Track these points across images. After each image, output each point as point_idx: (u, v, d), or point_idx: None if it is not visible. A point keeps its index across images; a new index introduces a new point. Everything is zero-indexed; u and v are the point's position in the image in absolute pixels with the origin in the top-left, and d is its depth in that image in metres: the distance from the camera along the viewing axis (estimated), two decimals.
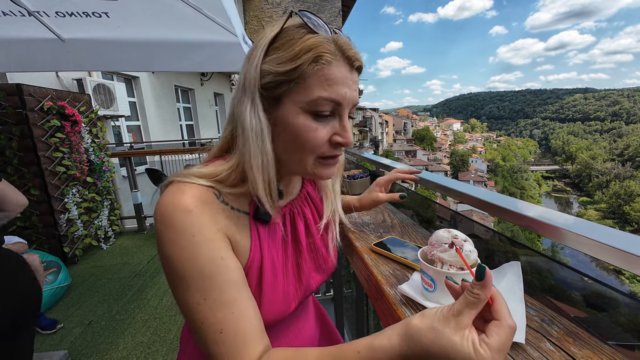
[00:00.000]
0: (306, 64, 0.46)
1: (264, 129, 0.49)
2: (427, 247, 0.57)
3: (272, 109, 0.50)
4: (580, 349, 0.44)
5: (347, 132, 0.51)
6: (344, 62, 0.48)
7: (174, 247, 0.44)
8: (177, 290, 0.45)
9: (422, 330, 0.36)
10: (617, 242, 0.47)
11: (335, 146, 0.51)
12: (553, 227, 0.56)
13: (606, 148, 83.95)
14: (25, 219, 2.95)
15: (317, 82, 0.47)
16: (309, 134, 0.48)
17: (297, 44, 0.46)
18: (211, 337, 0.43)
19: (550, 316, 0.52)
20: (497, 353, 0.33)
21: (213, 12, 1.85)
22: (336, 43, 0.48)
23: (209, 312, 0.44)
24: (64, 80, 3.88)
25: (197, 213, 0.46)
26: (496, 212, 0.72)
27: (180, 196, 0.46)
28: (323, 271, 0.67)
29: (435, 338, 0.35)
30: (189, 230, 0.45)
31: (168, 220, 0.45)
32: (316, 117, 0.48)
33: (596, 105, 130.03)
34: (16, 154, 2.85)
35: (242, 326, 0.44)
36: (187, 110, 7.97)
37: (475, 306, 0.35)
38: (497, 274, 0.60)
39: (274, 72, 0.47)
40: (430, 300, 0.55)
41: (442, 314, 0.36)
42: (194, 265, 0.44)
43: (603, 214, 53.01)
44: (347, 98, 0.49)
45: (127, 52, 2.12)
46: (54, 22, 1.94)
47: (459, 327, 0.34)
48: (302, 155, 0.51)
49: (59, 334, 2.20)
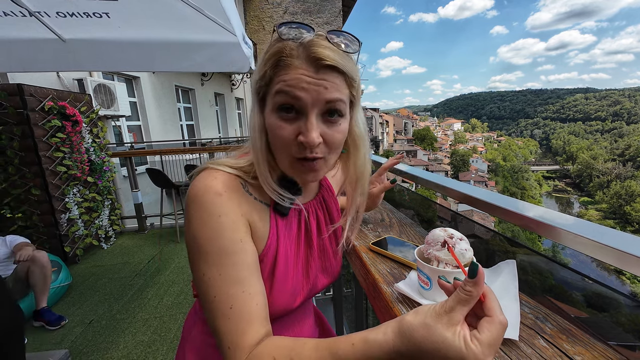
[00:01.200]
0: (269, 69, 0.51)
1: (257, 126, 0.55)
2: (424, 245, 0.58)
3: (263, 111, 0.55)
4: (572, 345, 0.45)
5: (309, 132, 0.50)
6: (306, 63, 0.49)
7: (202, 224, 0.50)
8: (197, 265, 0.50)
9: (415, 326, 0.37)
10: (616, 243, 0.47)
11: (301, 146, 0.51)
12: (552, 227, 0.56)
13: (607, 148, 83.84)
14: (27, 218, 2.97)
15: (278, 84, 0.51)
16: (276, 131, 0.52)
17: (267, 54, 0.52)
18: (221, 312, 0.47)
19: (545, 314, 0.52)
20: (487, 348, 0.34)
21: (213, 13, 1.85)
22: (302, 45, 0.50)
23: (222, 286, 0.48)
24: (65, 80, 3.90)
25: (225, 197, 0.51)
26: (496, 213, 0.72)
27: (213, 181, 0.52)
28: (329, 274, 0.70)
29: (427, 334, 0.36)
30: (217, 211, 0.50)
31: (200, 201, 0.50)
32: (281, 116, 0.52)
33: (597, 105, 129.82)
34: (17, 154, 2.86)
35: (250, 306, 0.48)
36: (187, 110, 7.98)
37: (467, 303, 0.36)
38: (493, 272, 0.61)
39: (255, 80, 0.54)
40: (426, 298, 0.55)
41: (434, 311, 0.37)
42: (216, 242, 0.49)
43: (604, 214, 52.94)
44: (305, 98, 0.49)
45: (127, 52, 2.13)
46: (55, 23, 1.95)
47: (451, 324, 0.35)
48: (278, 154, 0.55)
49: (60, 333, 2.21)
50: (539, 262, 0.78)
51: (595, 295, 0.64)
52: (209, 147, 4.91)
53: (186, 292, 2.69)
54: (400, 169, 1.38)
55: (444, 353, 0.35)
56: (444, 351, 0.35)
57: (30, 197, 2.95)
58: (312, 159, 0.52)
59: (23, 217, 2.94)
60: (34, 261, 2.24)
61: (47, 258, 2.33)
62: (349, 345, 0.40)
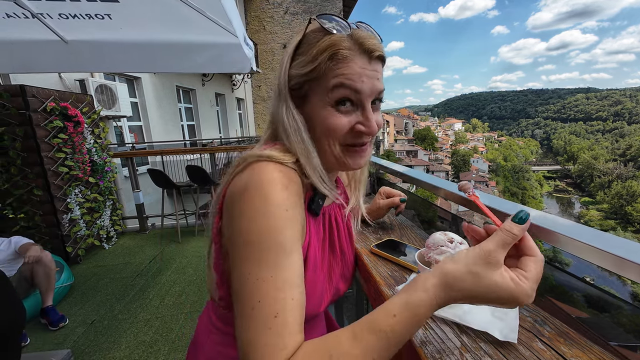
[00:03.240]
0: (323, 63, 0.50)
1: (299, 123, 0.54)
2: (424, 249, 0.59)
3: (303, 106, 0.55)
4: (570, 348, 0.46)
5: (370, 121, 0.52)
6: (360, 55, 0.51)
7: (263, 217, 0.44)
8: (245, 261, 0.43)
9: (461, 275, 0.38)
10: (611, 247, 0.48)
11: (357, 135, 0.54)
12: (551, 232, 0.57)
13: (608, 148, 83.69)
14: (29, 218, 2.98)
15: (334, 77, 0.50)
16: (332, 121, 0.52)
17: (315, 47, 0.51)
18: (262, 321, 0.40)
19: (543, 317, 0.53)
20: (534, 283, 0.37)
21: (214, 14, 1.86)
22: (353, 38, 0.51)
23: (271, 290, 0.41)
24: (67, 81, 3.91)
25: (292, 191, 0.47)
26: None
27: (277, 172, 0.47)
28: (346, 279, 0.69)
29: (476, 280, 0.37)
30: (283, 204, 0.45)
31: (265, 191, 0.45)
32: (338, 108, 0.52)
33: (598, 105, 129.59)
34: (20, 155, 2.87)
35: (295, 316, 0.42)
36: (188, 110, 8.00)
37: (508, 245, 0.38)
38: None
39: (297, 75, 0.53)
40: None
41: (477, 256, 0.38)
42: (277, 238, 0.43)
43: (605, 215, 52.86)
44: (364, 88, 0.51)
45: (129, 53, 2.14)
46: (57, 24, 1.96)
47: (497, 266, 0.37)
48: (328, 143, 0.54)
49: (62, 333, 2.22)
50: None
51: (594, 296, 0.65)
52: (209, 148, 4.92)
53: (187, 292, 2.70)
54: (399, 170, 1.39)
55: (496, 295, 0.37)
56: (496, 293, 0.37)
57: (32, 197, 2.97)
58: (362, 144, 0.55)
59: (25, 217, 2.96)
60: (38, 261, 2.26)
61: (51, 257, 2.36)
62: (389, 317, 0.38)
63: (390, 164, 1.55)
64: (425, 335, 0.49)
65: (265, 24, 9.70)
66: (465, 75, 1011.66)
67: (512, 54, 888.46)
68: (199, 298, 2.61)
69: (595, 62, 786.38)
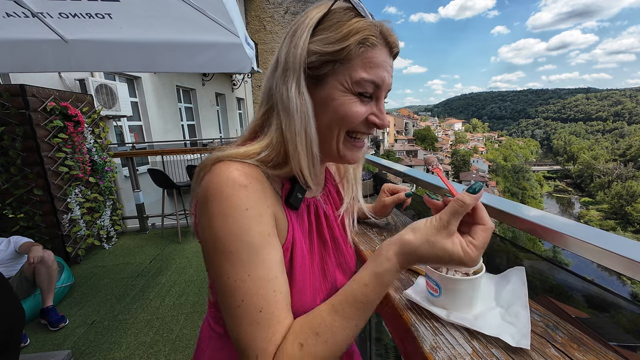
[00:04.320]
0: (353, 45, 0.47)
1: (309, 107, 0.49)
2: None
3: (315, 88, 0.51)
4: (584, 354, 0.44)
5: (384, 114, 0.53)
6: (385, 47, 0.50)
7: (226, 220, 0.44)
8: (221, 266, 0.44)
9: (419, 244, 0.43)
10: (621, 249, 0.47)
11: (369, 126, 0.53)
12: (555, 232, 0.56)
13: (608, 148, 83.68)
14: (29, 218, 2.97)
15: (361, 64, 0.48)
16: (350, 108, 0.50)
17: (345, 26, 0.48)
18: (249, 318, 0.43)
19: (555, 322, 0.52)
20: (480, 251, 0.42)
21: (215, 14, 1.85)
22: (380, 28, 0.50)
23: (252, 288, 0.43)
24: (67, 81, 3.90)
25: (251, 189, 0.46)
26: (502, 218, 0.72)
27: (234, 172, 0.46)
28: (345, 271, 0.65)
29: (430, 248, 0.42)
30: (243, 203, 0.45)
31: (223, 194, 0.45)
32: (358, 96, 0.50)
33: (598, 105, 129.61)
34: (19, 154, 2.86)
35: (280, 308, 0.44)
36: (188, 110, 7.98)
37: (460, 215, 0.42)
38: (502, 279, 0.61)
39: (320, 52, 0.48)
40: (435, 304, 0.55)
41: (433, 226, 0.43)
42: (244, 238, 0.44)
43: (605, 215, 52.84)
44: (385, 82, 0.51)
45: (129, 53, 2.12)
46: (57, 23, 1.95)
47: (449, 235, 0.42)
48: (338, 131, 0.52)
49: (62, 333, 2.21)
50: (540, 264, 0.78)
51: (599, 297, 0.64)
52: (210, 147, 4.90)
53: (187, 292, 2.69)
54: (400, 169, 1.38)
55: (447, 260, 0.42)
56: (447, 259, 0.42)
57: (32, 197, 2.95)
58: (365, 136, 0.55)
59: (25, 217, 2.95)
60: (41, 261, 2.25)
61: (53, 257, 2.35)
62: (362, 287, 0.44)
63: (391, 164, 1.54)
64: (435, 341, 0.48)
65: (266, 24, 9.68)
66: (466, 75, 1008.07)
67: (512, 54, 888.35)
68: (199, 299, 2.60)
69: (596, 62, 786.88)
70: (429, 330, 0.51)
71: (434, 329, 0.51)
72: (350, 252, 0.68)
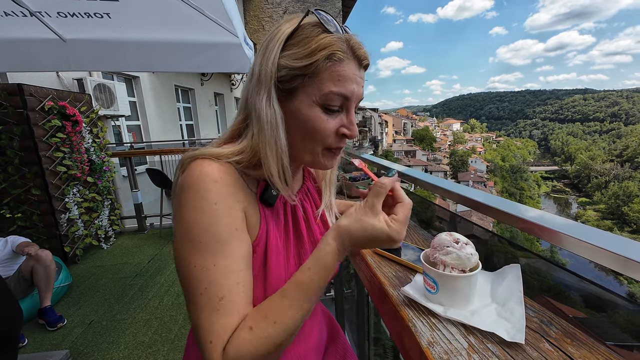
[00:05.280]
0: (320, 61, 0.49)
1: (279, 119, 0.52)
2: (430, 249, 0.58)
3: (286, 101, 0.53)
4: (577, 349, 0.45)
5: (353, 125, 0.55)
6: (353, 61, 0.52)
7: (196, 211, 0.47)
8: (189, 256, 0.47)
9: (350, 225, 0.48)
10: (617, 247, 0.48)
11: (341, 138, 0.55)
12: (553, 231, 0.57)
13: (605, 149, 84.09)
14: (26, 218, 2.96)
15: (329, 78, 0.50)
16: (319, 124, 0.52)
17: (313, 42, 0.50)
18: (210, 305, 0.45)
19: (549, 317, 0.53)
20: (402, 224, 0.47)
21: (215, 14, 1.85)
22: (348, 43, 0.51)
23: (215, 277, 0.46)
24: (65, 80, 3.89)
25: (222, 184, 0.49)
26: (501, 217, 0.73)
27: (208, 167, 0.49)
28: None
29: (360, 226, 0.47)
30: (213, 197, 0.48)
31: (195, 187, 0.48)
32: (326, 110, 0.52)
33: (595, 106, 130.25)
34: (17, 154, 2.85)
35: (241, 299, 0.47)
36: (187, 110, 7.97)
37: (381, 195, 0.48)
38: (498, 276, 0.62)
39: (289, 67, 0.50)
40: (432, 301, 0.56)
41: (361, 209, 0.48)
42: (212, 229, 0.47)
43: (602, 215, 53.08)
44: (355, 94, 0.53)
45: (128, 52, 2.12)
46: (56, 23, 1.95)
47: (375, 214, 0.47)
48: (311, 145, 0.55)
49: (60, 333, 2.21)
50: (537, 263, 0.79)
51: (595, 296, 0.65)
52: None
53: None
54: (398, 169, 1.38)
55: (374, 235, 0.46)
56: (375, 234, 0.46)
57: (30, 197, 2.94)
58: (341, 148, 0.57)
59: (23, 217, 2.94)
60: (38, 260, 2.25)
61: (51, 257, 2.34)
62: (306, 271, 0.48)
63: (390, 164, 1.55)
64: (432, 336, 0.49)
65: (264, 24, 9.67)
66: (464, 75, 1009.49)
67: (510, 55, 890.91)
68: None
69: (593, 63, 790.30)
70: (426, 326, 0.52)
71: (431, 324, 0.52)
72: None
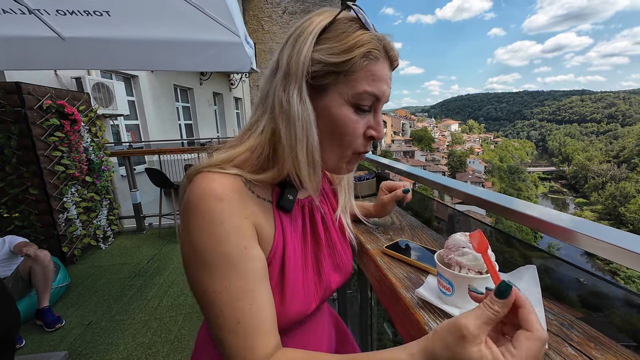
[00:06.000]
0: (358, 58, 0.47)
1: (311, 115, 0.49)
2: (444, 250, 0.57)
3: (316, 97, 0.50)
4: (602, 353, 0.44)
5: (381, 127, 0.53)
6: (387, 61, 0.51)
7: (202, 234, 0.45)
8: (200, 279, 0.46)
9: (439, 352, 0.36)
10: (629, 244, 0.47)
11: (368, 140, 0.54)
12: (565, 229, 0.55)
13: (602, 150, 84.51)
14: (24, 218, 2.93)
15: (364, 77, 0.48)
16: (349, 124, 0.50)
17: (351, 38, 0.48)
18: (227, 327, 0.44)
19: (569, 320, 0.51)
20: None
21: (215, 12, 1.83)
22: (382, 42, 0.50)
23: (228, 300, 0.44)
24: (63, 79, 3.85)
25: (227, 201, 0.46)
26: (506, 214, 0.71)
27: (211, 184, 0.47)
28: (341, 271, 0.64)
29: (451, 357, 0.34)
30: (218, 217, 0.45)
31: (199, 208, 0.46)
32: (357, 110, 0.50)
33: (592, 107, 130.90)
34: (15, 153, 2.82)
35: (258, 319, 0.45)
36: (186, 109, 7.94)
37: (490, 322, 0.34)
38: (513, 277, 0.60)
39: (325, 62, 0.48)
40: (448, 304, 0.54)
41: (450, 332, 0.35)
42: (220, 250, 0.45)
43: (599, 215, 53.34)
44: (385, 95, 0.51)
45: (128, 51, 2.10)
46: (55, 21, 1.92)
47: (473, 343, 0.34)
48: (339, 148, 0.52)
49: (58, 335, 2.18)
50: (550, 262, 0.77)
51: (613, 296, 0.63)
52: (208, 147, 4.85)
53: (186, 293, 2.66)
54: (401, 168, 1.37)
55: None
56: None
57: (27, 196, 2.91)
58: (366, 152, 0.54)
59: (20, 216, 2.91)
60: (36, 260, 2.22)
61: (50, 257, 2.32)
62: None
63: (394, 163, 1.54)
64: None
65: (264, 23, 9.65)
66: (462, 76, 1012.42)
67: (508, 56, 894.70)
68: None
69: (590, 64, 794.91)
70: None
71: None
72: (348, 254, 0.68)
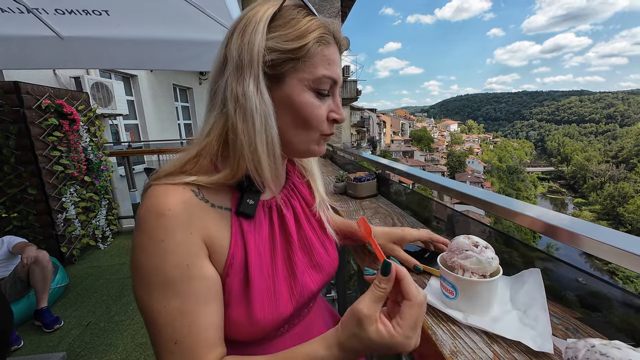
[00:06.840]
0: (312, 43, 0.47)
1: (269, 107, 0.47)
2: (447, 253, 0.56)
3: (275, 87, 0.49)
4: None
5: (341, 109, 0.54)
6: (336, 45, 0.52)
7: (143, 252, 0.44)
8: (141, 297, 0.45)
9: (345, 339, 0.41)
10: None
11: (332, 123, 0.54)
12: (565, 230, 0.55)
13: (601, 150, 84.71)
14: (23, 218, 2.92)
15: (320, 62, 0.49)
16: (313, 110, 0.50)
17: (302, 24, 0.47)
18: (164, 347, 0.44)
19: (574, 325, 0.51)
20: (410, 330, 0.39)
21: (215, 12, 1.83)
22: (331, 27, 0.51)
23: (167, 320, 0.43)
24: (62, 78, 3.84)
25: (169, 216, 0.44)
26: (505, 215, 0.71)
27: (155, 199, 0.45)
28: (321, 269, 0.60)
29: (357, 340, 0.40)
30: (158, 235, 0.43)
31: (141, 225, 0.44)
32: (318, 94, 0.50)
33: (591, 108, 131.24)
34: (13, 153, 2.81)
35: (198, 340, 0.44)
36: (185, 109, 7.93)
37: (380, 299, 0.40)
38: (516, 280, 0.59)
39: (280, 49, 0.46)
40: (450, 307, 0.54)
41: (350, 319, 0.41)
42: (159, 271, 0.43)
43: (597, 215, 53.48)
44: (340, 78, 0.52)
45: (126, 50, 2.09)
46: (53, 20, 1.91)
47: (369, 323, 0.39)
48: (306, 133, 0.52)
49: (57, 335, 2.17)
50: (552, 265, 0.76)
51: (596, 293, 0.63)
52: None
53: None
54: (400, 168, 1.36)
55: (375, 349, 0.40)
56: (375, 347, 0.39)
57: (26, 196, 2.90)
58: (332, 134, 0.55)
59: (19, 216, 2.90)
60: (35, 261, 2.20)
61: (48, 257, 2.31)
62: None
63: (394, 163, 1.53)
64: (454, 345, 0.47)
65: None
66: (461, 76, 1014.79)
67: (508, 56, 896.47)
68: None
69: (589, 65, 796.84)
70: (447, 333, 0.50)
71: (452, 332, 0.50)
72: (329, 250, 0.64)
